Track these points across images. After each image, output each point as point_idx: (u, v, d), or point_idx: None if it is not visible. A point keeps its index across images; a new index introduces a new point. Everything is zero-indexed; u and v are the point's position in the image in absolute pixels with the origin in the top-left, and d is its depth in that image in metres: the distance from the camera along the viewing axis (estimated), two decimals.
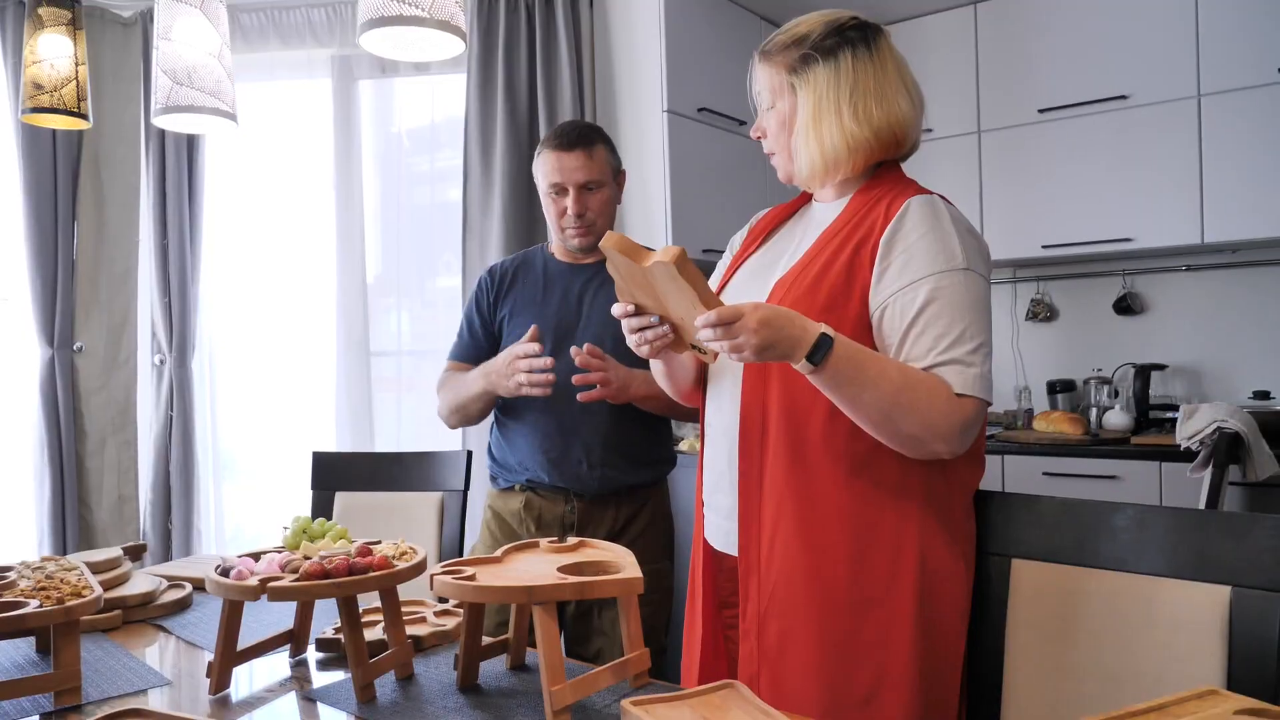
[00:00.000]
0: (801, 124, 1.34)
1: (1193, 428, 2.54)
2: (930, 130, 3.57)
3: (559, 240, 2.01)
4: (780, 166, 1.42)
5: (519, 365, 1.81)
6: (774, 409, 1.30)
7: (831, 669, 1.27)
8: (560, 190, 1.95)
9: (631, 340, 1.33)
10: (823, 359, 1.16)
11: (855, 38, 1.34)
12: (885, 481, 1.27)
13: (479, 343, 2.06)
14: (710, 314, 1.13)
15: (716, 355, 1.27)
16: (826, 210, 1.41)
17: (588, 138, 1.97)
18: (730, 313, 1.13)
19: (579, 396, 1.80)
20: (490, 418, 2.09)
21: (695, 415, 1.61)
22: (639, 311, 1.30)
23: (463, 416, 2.03)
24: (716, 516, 1.44)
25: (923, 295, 1.23)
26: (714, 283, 1.53)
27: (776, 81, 1.37)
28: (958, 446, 1.23)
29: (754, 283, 1.41)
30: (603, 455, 1.91)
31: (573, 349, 1.80)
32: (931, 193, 1.33)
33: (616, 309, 1.31)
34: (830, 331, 1.17)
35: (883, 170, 1.38)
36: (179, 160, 3.35)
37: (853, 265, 1.28)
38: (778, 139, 1.40)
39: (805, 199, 1.50)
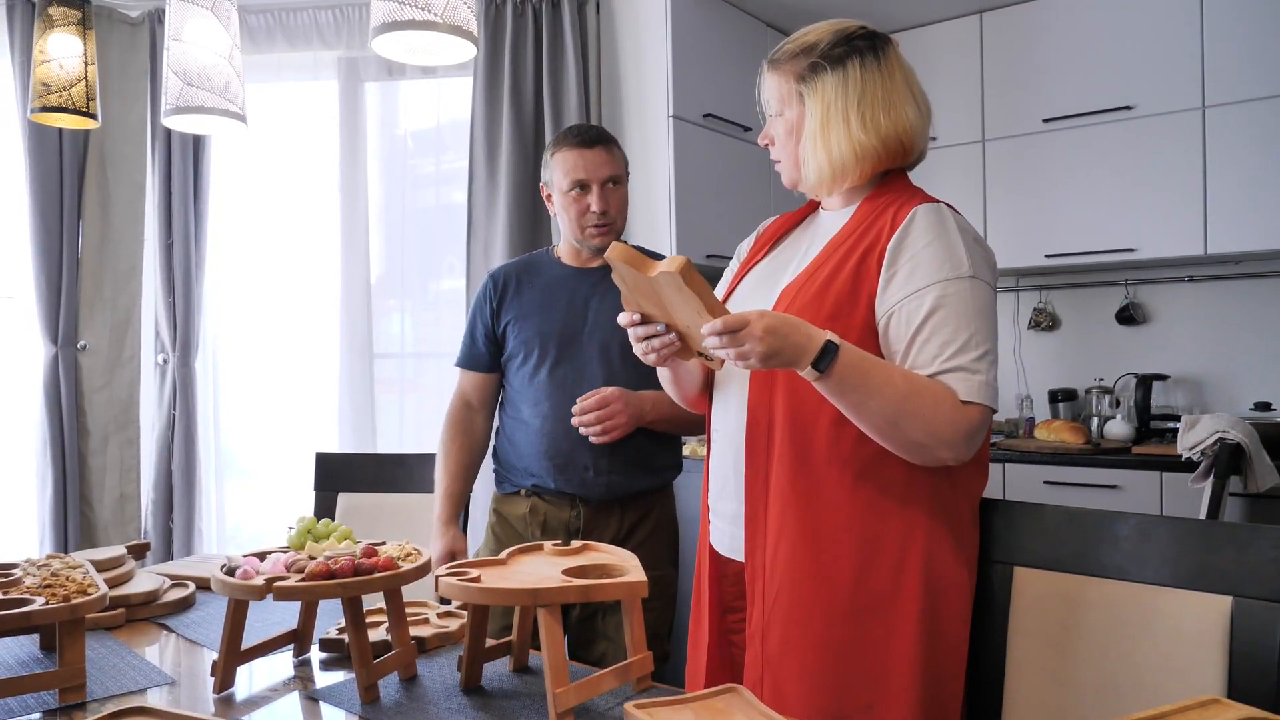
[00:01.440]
0: (809, 132, 1.35)
1: (1194, 438, 2.54)
2: (935, 139, 3.57)
3: (575, 242, 2.01)
4: (786, 173, 1.43)
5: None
6: (780, 415, 1.31)
7: (835, 674, 1.27)
8: (584, 187, 1.94)
9: (638, 348, 1.34)
10: (828, 366, 1.16)
11: (864, 47, 1.34)
12: (891, 488, 1.27)
13: (483, 351, 2.06)
14: (716, 322, 1.14)
15: (723, 362, 1.28)
16: (833, 218, 1.42)
17: (605, 136, 1.99)
18: (736, 320, 1.14)
19: (593, 440, 1.85)
20: (495, 421, 2.10)
21: (701, 430, 1.61)
22: (645, 320, 1.31)
23: None
24: (721, 522, 1.44)
25: (929, 303, 1.24)
26: (721, 290, 1.53)
27: (785, 90, 1.38)
28: (963, 453, 1.24)
29: (760, 290, 1.42)
30: (610, 462, 1.91)
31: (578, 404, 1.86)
32: (938, 201, 1.34)
33: (623, 318, 1.33)
34: (836, 339, 1.17)
35: (890, 179, 1.39)
36: (185, 160, 3.36)
37: (859, 273, 1.29)
38: (785, 146, 1.40)
39: (812, 207, 1.50)
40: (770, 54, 1.42)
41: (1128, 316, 3.50)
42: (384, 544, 1.41)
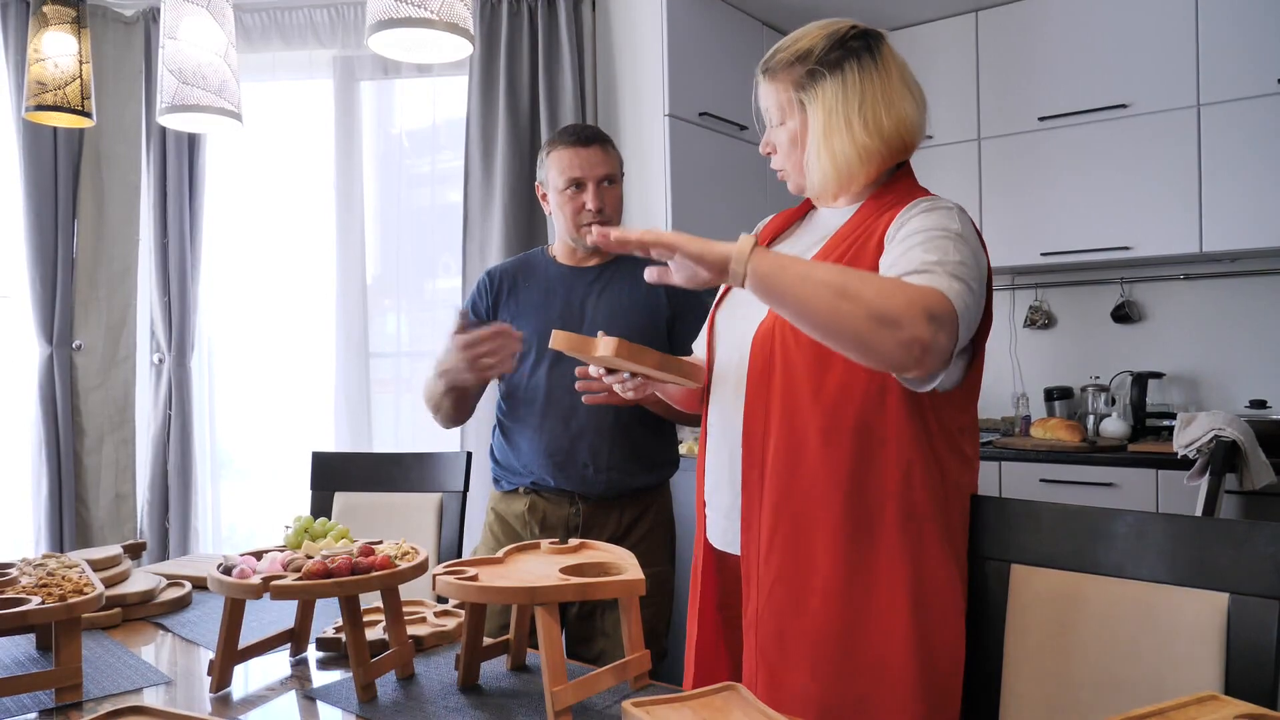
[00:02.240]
0: (813, 140, 1.34)
1: (1190, 436, 2.55)
2: (931, 137, 3.58)
3: (571, 240, 2.01)
4: (792, 180, 1.43)
5: (478, 351, 1.76)
6: (776, 409, 1.31)
7: (828, 666, 1.27)
8: (579, 185, 1.94)
9: (616, 389, 1.42)
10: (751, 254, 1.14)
11: (858, 47, 1.34)
12: (885, 483, 1.27)
13: None
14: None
15: (702, 381, 1.39)
16: (835, 215, 1.42)
17: (601, 135, 1.99)
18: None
19: (585, 399, 1.78)
20: (492, 420, 2.10)
21: (698, 422, 1.62)
22: (611, 369, 1.38)
23: (443, 415, 2.01)
24: (717, 515, 1.44)
25: (913, 238, 1.24)
26: (718, 292, 1.53)
27: (784, 99, 1.38)
28: (924, 333, 1.10)
29: None
30: (609, 458, 1.92)
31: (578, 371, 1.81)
32: (943, 199, 1.34)
33: (592, 370, 1.39)
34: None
35: (895, 178, 1.39)
36: (180, 159, 3.35)
37: (859, 265, 1.29)
38: (790, 156, 1.40)
39: (811, 204, 1.50)
40: (764, 63, 1.41)
41: (1123, 315, 3.51)
42: (381, 543, 1.41)
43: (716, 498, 1.44)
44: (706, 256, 1.15)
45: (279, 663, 1.41)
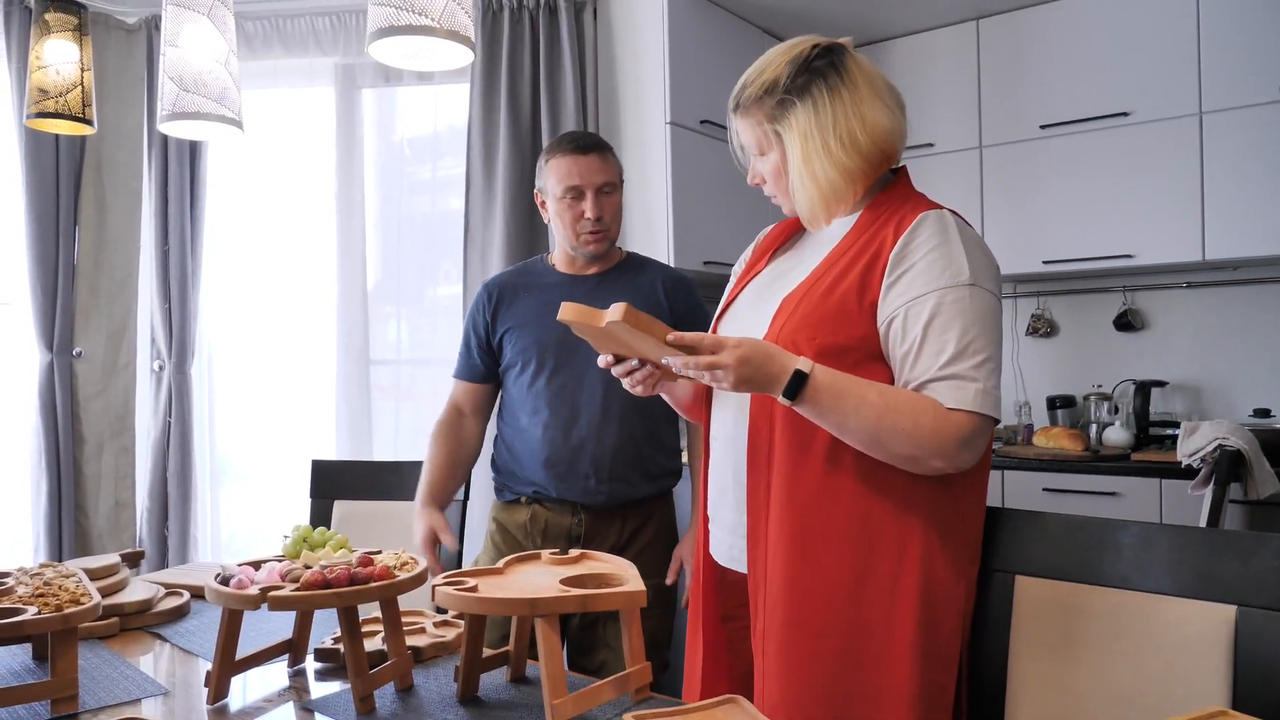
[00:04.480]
0: (795, 168, 1.35)
1: (1194, 445, 2.53)
2: (932, 145, 3.58)
3: (570, 249, 2.00)
4: (785, 207, 1.44)
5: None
6: (780, 425, 1.30)
7: (833, 686, 1.26)
8: (578, 193, 1.94)
9: (625, 384, 1.38)
10: (797, 395, 1.19)
11: (823, 67, 1.34)
12: (890, 499, 1.26)
13: (479, 362, 2.05)
14: (684, 348, 1.19)
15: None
16: (835, 225, 1.41)
17: (600, 143, 1.99)
18: (708, 343, 1.19)
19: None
20: (493, 430, 2.09)
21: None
22: (620, 359, 1.35)
23: None
24: (721, 531, 1.43)
25: (928, 310, 1.23)
26: (722, 300, 1.53)
27: (759, 133, 1.38)
28: (959, 461, 1.23)
29: (761, 300, 1.40)
30: (611, 469, 1.91)
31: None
32: (943, 208, 1.33)
33: (600, 361, 1.37)
34: (807, 366, 1.19)
35: (891, 185, 1.38)
36: (181, 166, 3.35)
37: (863, 282, 1.28)
38: (776, 185, 1.41)
39: None
40: (733, 99, 1.41)
41: (1126, 323, 3.50)
42: (380, 552, 1.40)
43: (721, 513, 1.43)
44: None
45: (277, 674, 1.40)
